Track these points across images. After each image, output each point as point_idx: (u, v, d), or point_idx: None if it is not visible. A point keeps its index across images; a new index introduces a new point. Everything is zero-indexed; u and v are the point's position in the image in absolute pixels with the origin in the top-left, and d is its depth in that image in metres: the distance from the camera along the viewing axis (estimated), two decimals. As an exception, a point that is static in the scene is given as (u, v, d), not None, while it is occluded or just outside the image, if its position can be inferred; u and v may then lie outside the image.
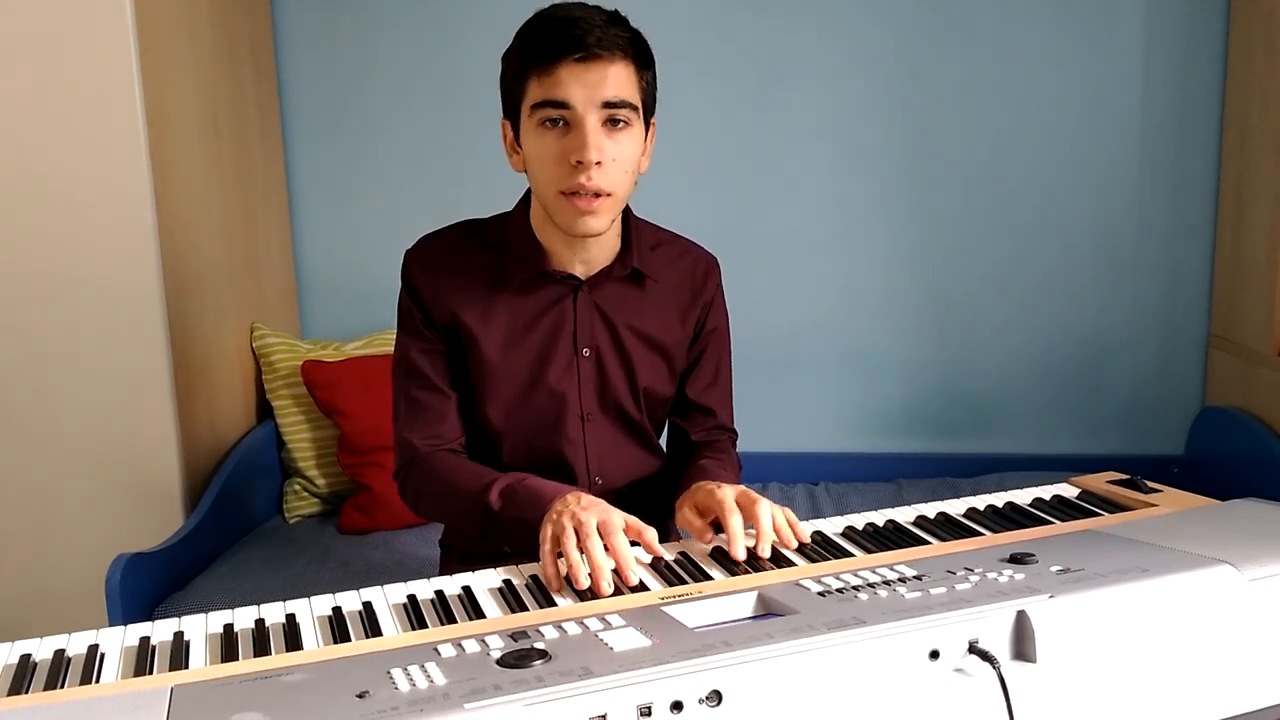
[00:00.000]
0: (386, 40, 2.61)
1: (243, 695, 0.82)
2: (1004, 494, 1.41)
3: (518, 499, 1.29)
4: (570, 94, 1.26)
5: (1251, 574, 0.99)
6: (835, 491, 2.49)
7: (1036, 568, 1.02)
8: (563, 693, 0.79)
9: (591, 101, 1.26)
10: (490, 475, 1.36)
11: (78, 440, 2.02)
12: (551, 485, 1.30)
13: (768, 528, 1.20)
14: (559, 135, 1.29)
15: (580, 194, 1.29)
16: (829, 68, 2.57)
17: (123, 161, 1.96)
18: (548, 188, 1.32)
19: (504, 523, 1.30)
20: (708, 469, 1.44)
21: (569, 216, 1.32)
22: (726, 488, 1.26)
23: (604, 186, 1.29)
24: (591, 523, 1.16)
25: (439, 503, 1.43)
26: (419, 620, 1.06)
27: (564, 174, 1.29)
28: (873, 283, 2.65)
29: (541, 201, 1.37)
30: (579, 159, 1.27)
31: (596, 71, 1.26)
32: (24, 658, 0.99)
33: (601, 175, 1.28)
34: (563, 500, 1.23)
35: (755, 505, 1.21)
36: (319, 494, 2.44)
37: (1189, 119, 2.53)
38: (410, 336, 1.45)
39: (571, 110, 1.27)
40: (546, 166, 1.30)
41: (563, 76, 1.26)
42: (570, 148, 1.27)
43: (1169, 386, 2.63)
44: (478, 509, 1.33)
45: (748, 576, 1.13)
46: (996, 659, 0.89)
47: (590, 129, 1.26)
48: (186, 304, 2.12)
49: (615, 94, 1.27)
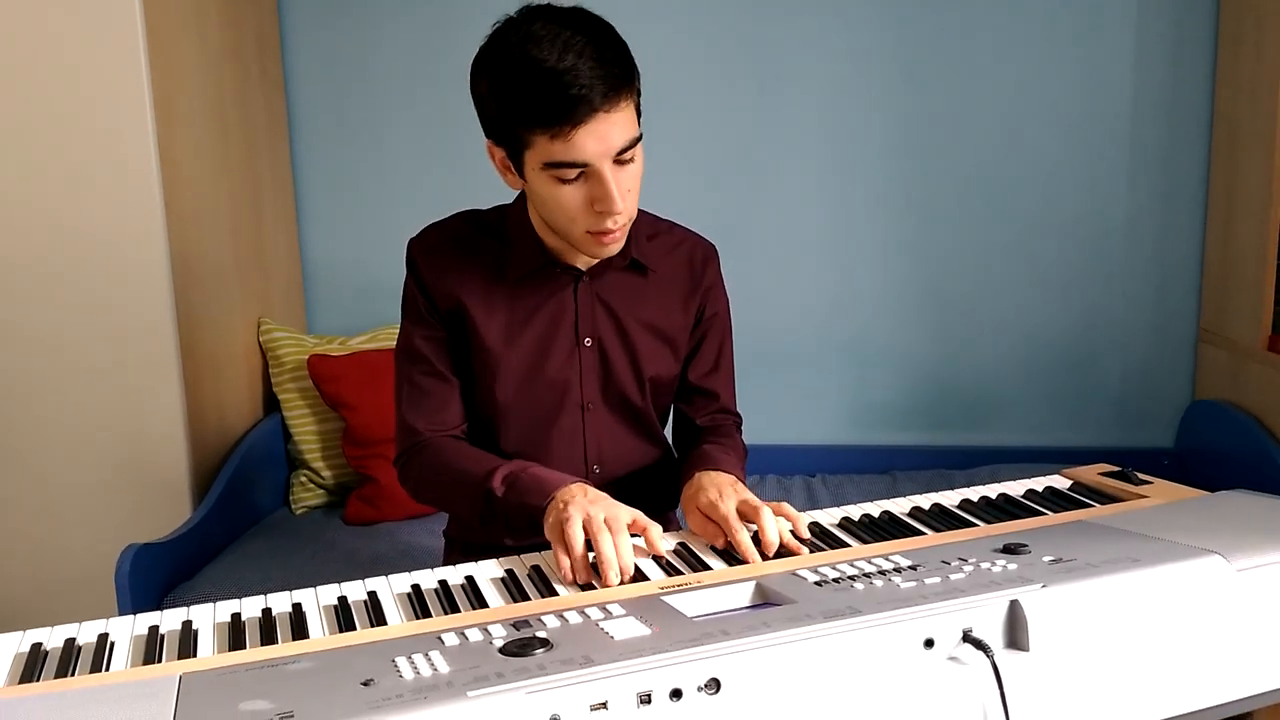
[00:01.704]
0: (391, 38, 2.61)
1: (250, 683, 0.82)
2: (997, 485, 1.41)
3: (521, 485, 1.29)
4: (586, 154, 1.23)
5: (1240, 564, 0.99)
6: (832, 483, 2.49)
7: (1029, 558, 1.02)
8: (564, 681, 0.79)
9: (607, 155, 1.24)
10: (493, 462, 1.35)
11: (88, 433, 2.03)
12: (555, 474, 1.30)
13: (774, 539, 1.19)
14: (578, 186, 1.26)
15: (607, 232, 1.29)
16: (827, 67, 2.56)
17: (132, 158, 1.96)
18: (570, 228, 1.31)
19: (506, 509, 1.29)
20: (710, 454, 1.43)
21: (593, 249, 1.33)
22: (728, 500, 1.25)
23: (624, 219, 1.30)
24: (599, 518, 1.16)
25: (440, 488, 1.42)
26: (423, 609, 1.06)
27: (590, 219, 1.28)
28: (869, 279, 2.64)
29: (559, 235, 1.35)
30: (604, 209, 1.26)
31: (606, 125, 1.22)
32: (35, 646, 0.99)
33: (623, 212, 1.28)
34: (567, 491, 1.23)
35: (759, 514, 1.20)
36: (325, 486, 2.44)
37: (1179, 117, 2.53)
38: (414, 323, 1.44)
39: (589, 166, 1.24)
40: (567, 212, 1.29)
41: (577, 140, 1.22)
42: (593, 196, 1.26)
43: (1160, 380, 2.63)
44: (480, 494, 1.32)
45: (746, 567, 1.13)
46: (990, 648, 0.89)
47: (609, 179, 1.24)
48: (194, 299, 2.12)
49: (626, 138, 1.25)
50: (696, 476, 1.35)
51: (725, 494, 1.26)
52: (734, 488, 1.29)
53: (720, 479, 1.32)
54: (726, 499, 1.25)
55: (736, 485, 1.31)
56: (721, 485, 1.30)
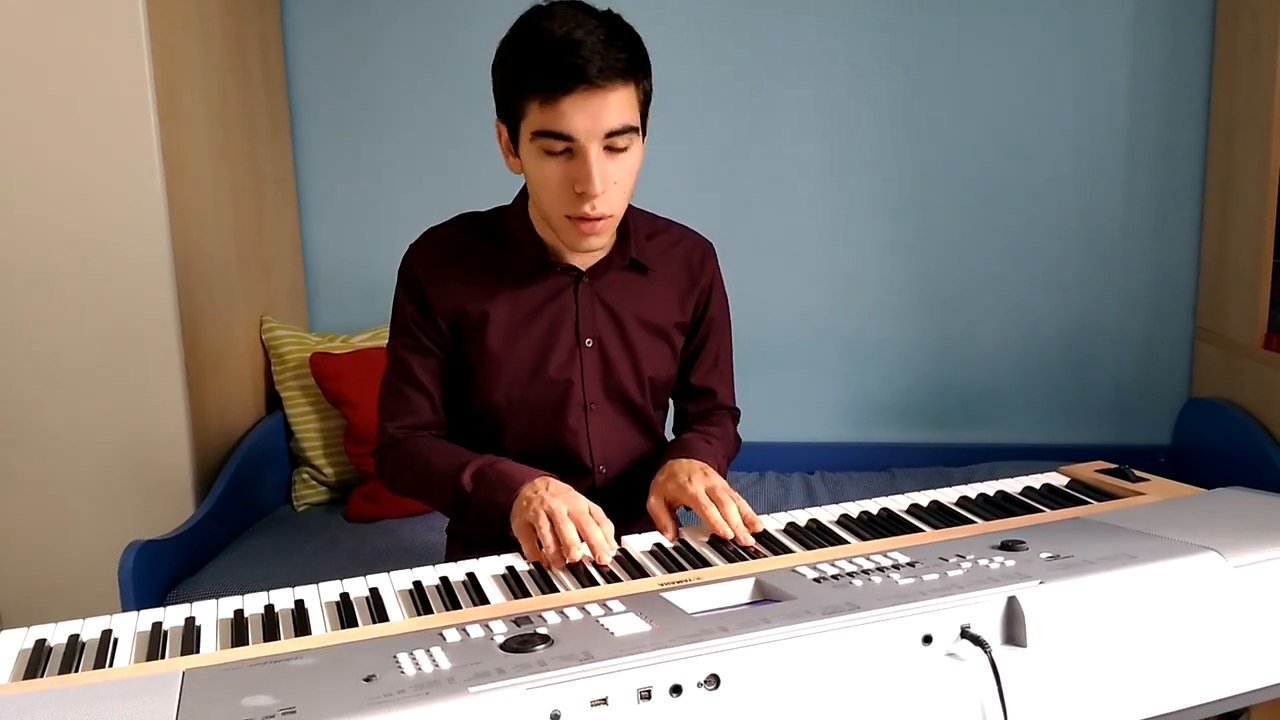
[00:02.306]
0: (393, 38, 2.60)
1: (253, 679, 0.82)
2: (995, 483, 1.41)
3: (488, 481, 1.30)
4: (574, 127, 1.22)
5: (1236, 560, 0.99)
6: (831, 480, 2.49)
7: (1027, 554, 1.02)
8: (564, 676, 0.79)
9: (595, 134, 1.23)
10: (465, 457, 1.36)
11: (92, 431, 2.03)
12: (522, 469, 1.31)
13: (737, 522, 1.22)
14: (562, 162, 1.26)
15: (585, 219, 1.28)
16: (825, 65, 2.56)
17: (135, 158, 1.96)
18: (551, 210, 1.31)
19: (475, 504, 1.31)
20: (688, 442, 1.45)
21: (573, 237, 1.32)
22: (697, 483, 1.28)
23: (606, 211, 1.28)
24: (562, 510, 1.18)
25: (414, 483, 1.44)
26: (424, 606, 1.06)
27: (568, 200, 1.27)
28: (868, 277, 2.64)
29: (544, 217, 1.36)
30: (583, 190, 1.25)
31: (599, 101, 1.22)
32: (39, 642, 0.99)
33: (604, 201, 1.27)
34: (531, 486, 1.24)
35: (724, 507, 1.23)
36: (327, 483, 2.44)
37: (1175, 116, 2.52)
38: (398, 333, 1.45)
39: (575, 142, 1.24)
40: (550, 191, 1.28)
41: (565, 109, 1.21)
42: (574, 176, 1.25)
43: (1156, 378, 2.63)
44: (452, 490, 1.34)
45: (745, 563, 1.13)
46: (988, 643, 0.89)
47: (593, 160, 1.24)
48: (197, 297, 2.12)
49: (617, 122, 1.24)
50: (668, 464, 1.36)
51: (694, 479, 1.28)
52: (703, 473, 1.30)
53: (691, 465, 1.33)
54: (695, 483, 1.27)
55: (706, 470, 1.32)
56: (692, 471, 1.31)
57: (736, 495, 1.26)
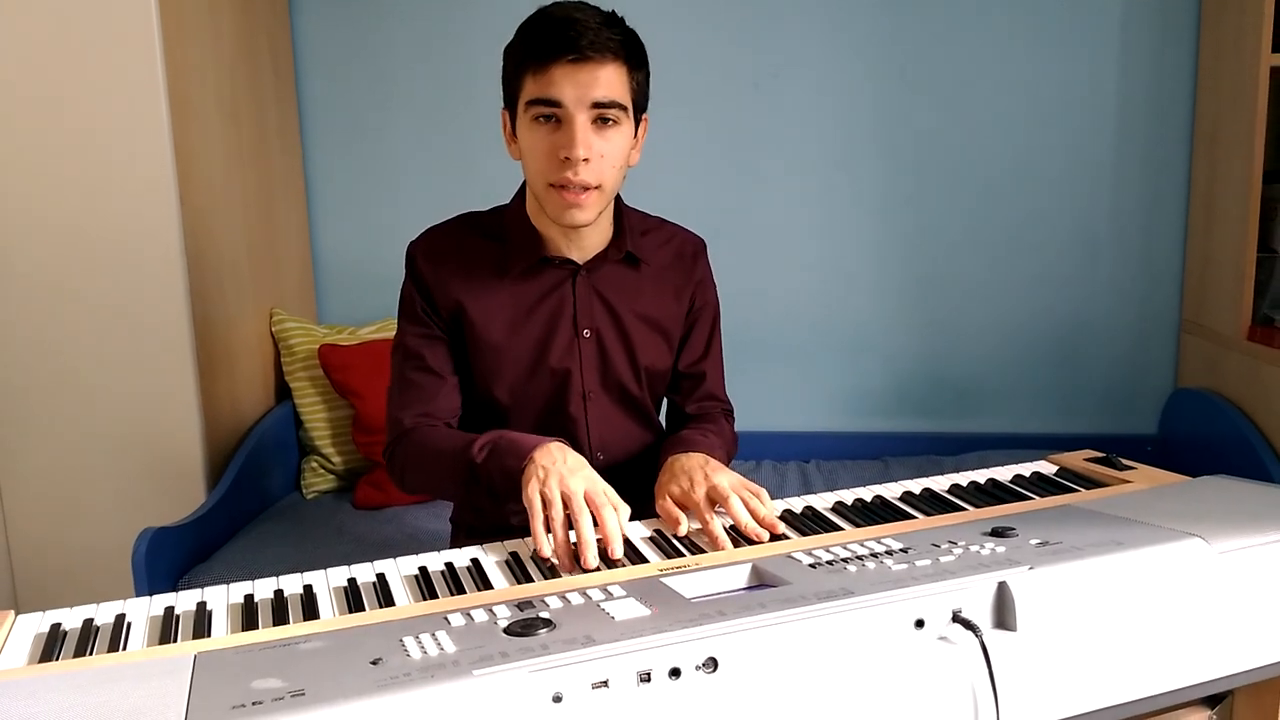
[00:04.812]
0: (400, 36, 2.60)
1: (262, 662, 0.82)
2: (986, 471, 1.40)
3: (499, 449, 1.28)
4: (562, 93, 1.26)
5: (1221, 547, 0.99)
6: (825, 469, 2.49)
7: (1017, 541, 1.02)
8: (566, 660, 0.79)
9: (582, 101, 1.26)
10: (475, 435, 1.33)
11: (105, 421, 2.03)
12: (533, 437, 1.28)
13: (747, 520, 1.17)
14: (550, 131, 1.29)
15: (568, 187, 1.29)
16: (819, 62, 2.56)
17: (147, 154, 1.95)
18: (538, 179, 1.33)
19: (487, 475, 1.27)
20: (687, 438, 1.43)
21: (557, 208, 1.32)
22: (700, 487, 1.24)
23: (590, 180, 1.29)
24: (579, 492, 1.15)
25: (424, 470, 1.40)
26: (430, 591, 1.06)
27: (553, 167, 1.29)
28: (861, 270, 2.64)
29: (533, 191, 1.37)
30: (567, 155, 1.27)
31: (588, 72, 1.25)
32: (54, 626, 0.99)
33: (588, 170, 1.28)
34: (545, 453, 1.22)
35: (728, 504, 1.19)
36: (335, 471, 2.44)
37: (1162, 112, 2.52)
38: (409, 322, 1.44)
39: (563, 109, 1.27)
40: (538, 159, 1.31)
41: (555, 76, 1.25)
42: (560, 143, 1.28)
43: (1143, 369, 2.63)
44: (463, 465, 1.30)
45: (742, 549, 1.13)
46: (979, 627, 0.89)
47: (579, 127, 1.26)
48: (208, 291, 2.11)
49: (605, 94, 1.27)
50: (669, 462, 1.34)
51: (696, 481, 1.25)
52: (705, 470, 1.27)
53: (691, 463, 1.30)
54: (698, 487, 1.24)
55: (708, 465, 1.29)
56: (692, 471, 1.28)
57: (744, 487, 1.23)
